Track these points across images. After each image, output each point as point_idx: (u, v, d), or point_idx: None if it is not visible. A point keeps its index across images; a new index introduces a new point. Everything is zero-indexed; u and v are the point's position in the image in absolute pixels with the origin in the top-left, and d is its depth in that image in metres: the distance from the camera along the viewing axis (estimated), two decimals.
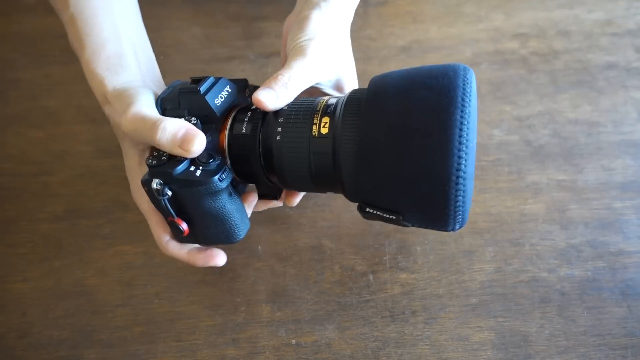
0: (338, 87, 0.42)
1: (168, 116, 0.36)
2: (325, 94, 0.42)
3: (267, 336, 0.42)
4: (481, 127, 0.53)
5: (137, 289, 0.45)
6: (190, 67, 0.59)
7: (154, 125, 0.34)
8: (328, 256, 0.46)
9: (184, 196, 0.35)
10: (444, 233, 0.46)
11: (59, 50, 0.61)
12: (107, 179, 0.51)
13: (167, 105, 0.37)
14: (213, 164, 0.34)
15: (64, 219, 0.49)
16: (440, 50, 0.60)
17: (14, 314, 0.44)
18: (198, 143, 0.33)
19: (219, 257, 0.40)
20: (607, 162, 0.50)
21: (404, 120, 0.31)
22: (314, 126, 0.35)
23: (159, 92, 0.39)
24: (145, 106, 0.36)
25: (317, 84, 0.40)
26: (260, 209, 0.44)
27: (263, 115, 0.37)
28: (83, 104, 0.57)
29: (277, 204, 0.44)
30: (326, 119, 0.35)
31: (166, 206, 0.34)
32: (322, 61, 0.38)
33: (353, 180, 0.35)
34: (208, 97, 0.36)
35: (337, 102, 0.36)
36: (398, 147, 0.31)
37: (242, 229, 0.38)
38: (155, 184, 0.33)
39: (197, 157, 0.34)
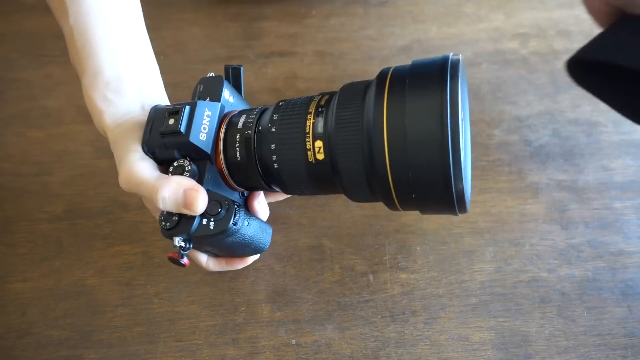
0: None
1: (159, 158, 0.36)
2: None
3: (267, 336, 0.42)
4: (481, 127, 0.53)
5: (137, 289, 0.45)
6: (190, 67, 0.59)
7: (152, 195, 0.34)
8: (328, 256, 0.46)
9: (206, 242, 0.36)
10: (444, 233, 0.46)
11: (59, 50, 0.61)
12: (107, 179, 0.51)
13: (155, 149, 0.36)
14: (222, 211, 0.35)
15: (64, 219, 0.49)
16: (441, 50, 0.60)
17: (14, 314, 0.44)
18: (201, 202, 0.34)
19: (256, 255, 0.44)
20: (607, 162, 0.50)
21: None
22: (309, 152, 0.34)
23: None
24: (138, 161, 0.35)
25: None
26: (270, 201, 0.45)
27: (254, 137, 0.36)
28: (83, 104, 0.56)
29: (285, 195, 0.44)
30: (319, 143, 0.34)
31: (183, 254, 0.35)
32: None
33: (362, 198, 0.36)
34: (192, 138, 0.34)
35: (324, 123, 0.34)
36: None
37: (266, 239, 0.40)
38: (177, 241, 0.34)
39: (206, 210, 0.34)
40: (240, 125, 0.37)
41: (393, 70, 0.33)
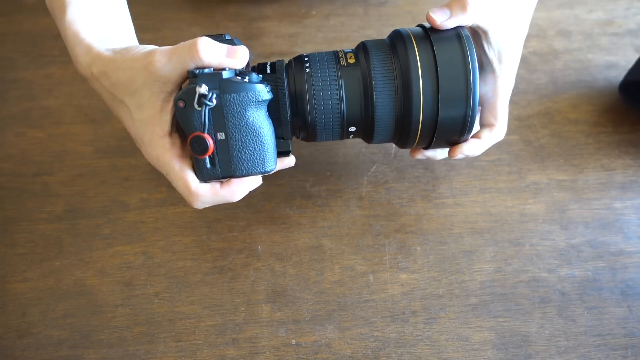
0: (499, 58, 0.41)
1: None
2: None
3: (267, 336, 0.42)
4: None
5: (137, 289, 0.45)
6: None
7: (193, 44, 0.33)
8: (328, 256, 0.46)
9: (229, 104, 0.34)
10: (444, 233, 0.46)
11: (59, 50, 0.61)
12: (107, 179, 0.51)
13: None
14: (256, 77, 0.36)
15: (64, 219, 0.49)
16: None
17: (13, 314, 0.44)
18: (243, 51, 0.34)
19: (257, 180, 0.39)
20: (607, 162, 0.50)
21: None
22: (341, 59, 0.39)
23: None
24: (166, 49, 0.34)
25: (484, 43, 0.40)
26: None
27: (286, 63, 0.40)
28: (83, 104, 0.57)
29: (290, 162, 0.42)
30: (350, 54, 0.39)
31: (205, 116, 0.34)
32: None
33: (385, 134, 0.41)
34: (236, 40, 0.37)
35: (356, 57, 0.39)
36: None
37: (274, 159, 0.38)
38: (203, 88, 0.33)
39: (242, 69, 0.35)
40: (269, 62, 0.40)
41: (410, 30, 0.39)
